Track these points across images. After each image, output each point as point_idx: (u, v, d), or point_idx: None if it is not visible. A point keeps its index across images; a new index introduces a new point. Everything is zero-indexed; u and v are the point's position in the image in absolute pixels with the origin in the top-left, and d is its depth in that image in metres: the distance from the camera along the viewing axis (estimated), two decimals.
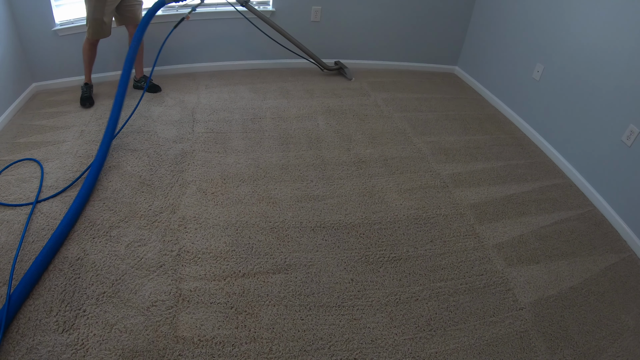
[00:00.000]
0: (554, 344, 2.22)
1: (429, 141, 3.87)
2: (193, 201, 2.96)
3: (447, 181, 3.36)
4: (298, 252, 2.63)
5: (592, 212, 3.21)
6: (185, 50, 4.77)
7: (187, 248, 2.59)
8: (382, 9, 4.93)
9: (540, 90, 3.95)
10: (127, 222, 2.75)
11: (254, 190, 3.10)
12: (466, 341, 2.19)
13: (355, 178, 3.30)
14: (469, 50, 5.23)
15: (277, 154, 3.50)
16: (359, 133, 3.89)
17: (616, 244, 2.95)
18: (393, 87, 4.89)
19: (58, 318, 2.13)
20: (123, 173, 3.17)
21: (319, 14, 4.85)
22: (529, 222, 3.04)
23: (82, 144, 3.48)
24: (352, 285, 2.44)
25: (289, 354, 2.06)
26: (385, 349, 2.13)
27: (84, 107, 4.05)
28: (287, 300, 2.32)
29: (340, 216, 2.93)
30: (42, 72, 4.28)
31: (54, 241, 2.45)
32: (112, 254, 2.51)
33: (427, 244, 2.77)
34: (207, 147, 3.53)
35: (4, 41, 3.72)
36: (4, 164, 3.16)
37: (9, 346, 1.98)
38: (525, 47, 4.13)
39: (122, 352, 2.00)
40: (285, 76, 4.97)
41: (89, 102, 4.08)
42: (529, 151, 3.87)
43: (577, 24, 3.48)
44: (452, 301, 2.40)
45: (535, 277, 2.61)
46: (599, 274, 2.68)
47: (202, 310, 2.23)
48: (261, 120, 3.98)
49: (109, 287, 2.30)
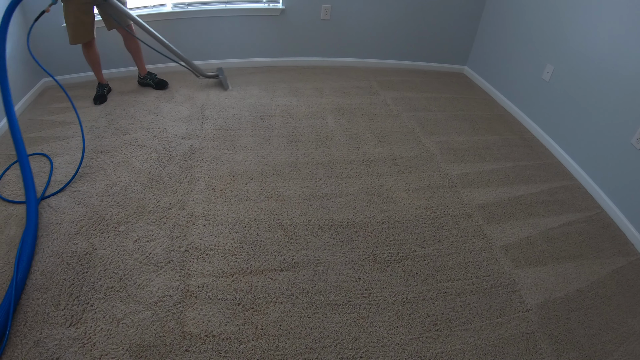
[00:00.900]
0: (560, 347, 2.22)
1: (438, 141, 3.86)
2: (202, 198, 2.97)
3: (456, 181, 3.35)
4: (306, 250, 2.63)
5: (600, 215, 3.20)
6: (195, 47, 4.78)
7: (195, 244, 2.60)
8: (393, 8, 4.92)
9: (549, 91, 3.93)
10: (135, 217, 2.76)
11: (262, 187, 3.10)
12: (472, 342, 2.19)
13: (364, 177, 3.30)
14: (478, 50, 5.21)
15: (286, 152, 3.51)
16: (368, 132, 3.89)
17: (624, 247, 2.94)
18: (402, 87, 4.89)
19: (66, 312, 2.15)
20: (132, 169, 3.18)
21: (329, 12, 4.84)
22: (536, 224, 3.03)
23: (91, 139, 3.50)
24: (359, 284, 2.44)
25: (296, 352, 2.07)
26: (391, 348, 2.13)
27: (94, 104, 4.09)
28: (294, 298, 2.33)
29: (348, 215, 2.93)
30: (52, 67, 4.29)
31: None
32: (121, 249, 2.52)
33: (434, 244, 2.77)
34: (216, 144, 3.54)
35: (14, 37, 3.75)
36: (14, 158, 3.19)
37: (16, 339, 2.00)
38: (535, 47, 4.12)
39: (129, 347, 2.02)
40: (295, 74, 4.97)
41: (99, 100, 4.10)
42: (537, 152, 3.86)
43: (587, 25, 3.46)
44: (458, 301, 2.40)
45: (542, 279, 2.60)
46: (606, 277, 2.67)
47: (209, 307, 2.24)
48: (270, 118, 3.99)
49: (117, 282, 2.32)
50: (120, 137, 3.54)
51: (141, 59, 4.31)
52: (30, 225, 2.54)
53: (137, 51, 4.18)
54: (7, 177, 3.03)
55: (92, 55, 3.94)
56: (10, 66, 3.61)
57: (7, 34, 3.11)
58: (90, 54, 3.93)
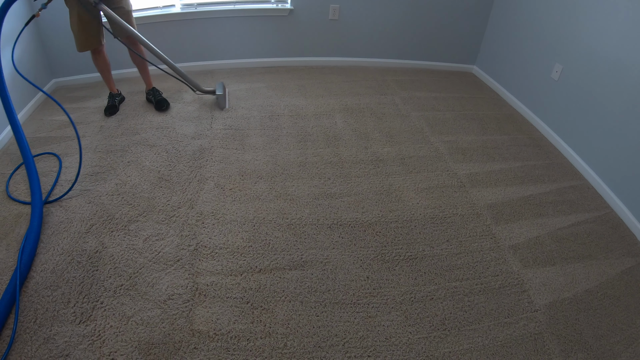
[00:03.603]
0: (568, 347, 2.21)
1: (447, 140, 3.86)
2: (211, 197, 2.98)
3: (464, 181, 3.35)
4: (314, 249, 2.64)
5: (610, 215, 3.19)
6: (204, 47, 4.81)
7: (205, 243, 2.62)
8: (400, 8, 4.92)
9: (558, 91, 3.92)
10: (145, 216, 2.78)
11: (271, 187, 3.12)
12: (480, 342, 2.19)
13: (373, 176, 3.30)
14: (487, 49, 5.20)
15: (295, 152, 3.52)
16: (377, 131, 3.89)
17: (633, 247, 2.92)
18: (411, 86, 4.88)
19: (75, 309, 2.17)
20: (142, 168, 3.20)
21: (337, 12, 4.85)
22: (545, 224, 3.02)
23: (101, 139, 3.52)
24: (367, 283, 2.45)
25: (304, 350, 2.08)
26: (399, 347, 2.13)
27: (105, 115, 3.93)
28: (302, 297, 2.34)
29: (357, 214, 2.93)
30: (62, 68, 4.34)
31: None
32: (130, 247, 2.54)
33: (443, 244, 2.77)
34: (225, 144, 3.56)
35: (25, 38, 3.78)
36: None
37: (26, 336, 2.02)
38: (544, 47, 4.10)
39: (138, 344, 2.03)
40: (303, 74, 4.98)
41: (109, 111, 3.95)
42: (546, 152, 3.85)
43: (597, 24, 3.45)
44: (467, 301, 2.40)
45: (550, 279, 2.60)
46: (615, 277, 2.66)
47: (218, 305, 2.25)
48: (279, 118, 4.00)
49: (127, 280, 2.34)
50: (130, 137, 3.57)
51: (146, 72, 4.06)
52: (33, 222, 2.57)
53: (142, 63, 3.92)
54: (17, 176, 3.05)
55: (101, 62, 3.78)
56: (20, 67, 3.65)
57: (7, 37, 3.13)
58: (99, 61, 3.76)
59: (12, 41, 3.43)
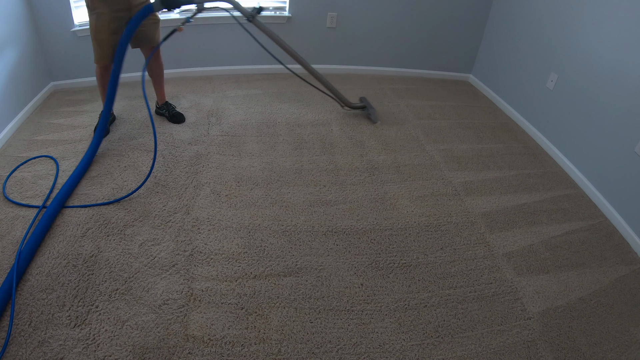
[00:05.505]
0: (561, 355, 2.22)
1: (442, 149, 3.88)
2: (207, 203, 2.99)
3: (459, 189, 3.37)
4: (309, 255, 2.65)
5: (604, 223, 3.20)
6: (202, 53, 4.82)
7: (200, 248, 2.62)
8: (398, 16, 4.94)
9: (554, 100, 3.95)
10: (141, 221, 2.79)
11: (267, 193, 3.13)
12: (473, 349, 2.20)
13: (368, 184, 3.32)
14: (483, 58, 5.23)
15: (291, 159, 3.53)
16: (373, 139, 3.91)
17: (627, 255, 2.94)
18: (407, 94, 4.91)
19: (70, 313, 2.17)
20: (139, 173, 3.21)
21: (335, 20, 4.87)
22: (539, 232, 3.04)
23: None
24: (361, 290, 2.46)
25: (298, 356, 2.09)
26: (392, 354, 2.14)
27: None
28: (297, 303, 2.35)
29: (351, 221, 2.95)
30: (60, 71, 4.35)
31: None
32: (126, 252, 2.55)
33: (437, 251, 2.78)
34: (222, 150, 3.57)
35: (24, 41, 3.79)
36: (21, 160, 3.22)
37: (21, 339, 2.03)
38: (540, 56, 4.13)
39: (132, 349, 2.04)
40: (300, 81, 4.98)
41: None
42: (541, 161, 3.87)
43: (592, 34, 3.48)
44: (460, 309, 2.41)
45: (544, 287, 2.61)
46: (608, 285, 2.68)
47: (212, 310, 2.26)
48: (276, 125, 4.01)
49: (122, 285, 2.34)
50: (126, 142, 3.57)
51: (162, 85, 3.90)
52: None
53: (159, 75, 3.79)
54: (14, 179, 3.05)
55: (106, 79, 3.36)
56: (18, 70, 3.67)
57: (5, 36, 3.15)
58: (105, 77, 3.37)
59: (14, 44, 3.44)
